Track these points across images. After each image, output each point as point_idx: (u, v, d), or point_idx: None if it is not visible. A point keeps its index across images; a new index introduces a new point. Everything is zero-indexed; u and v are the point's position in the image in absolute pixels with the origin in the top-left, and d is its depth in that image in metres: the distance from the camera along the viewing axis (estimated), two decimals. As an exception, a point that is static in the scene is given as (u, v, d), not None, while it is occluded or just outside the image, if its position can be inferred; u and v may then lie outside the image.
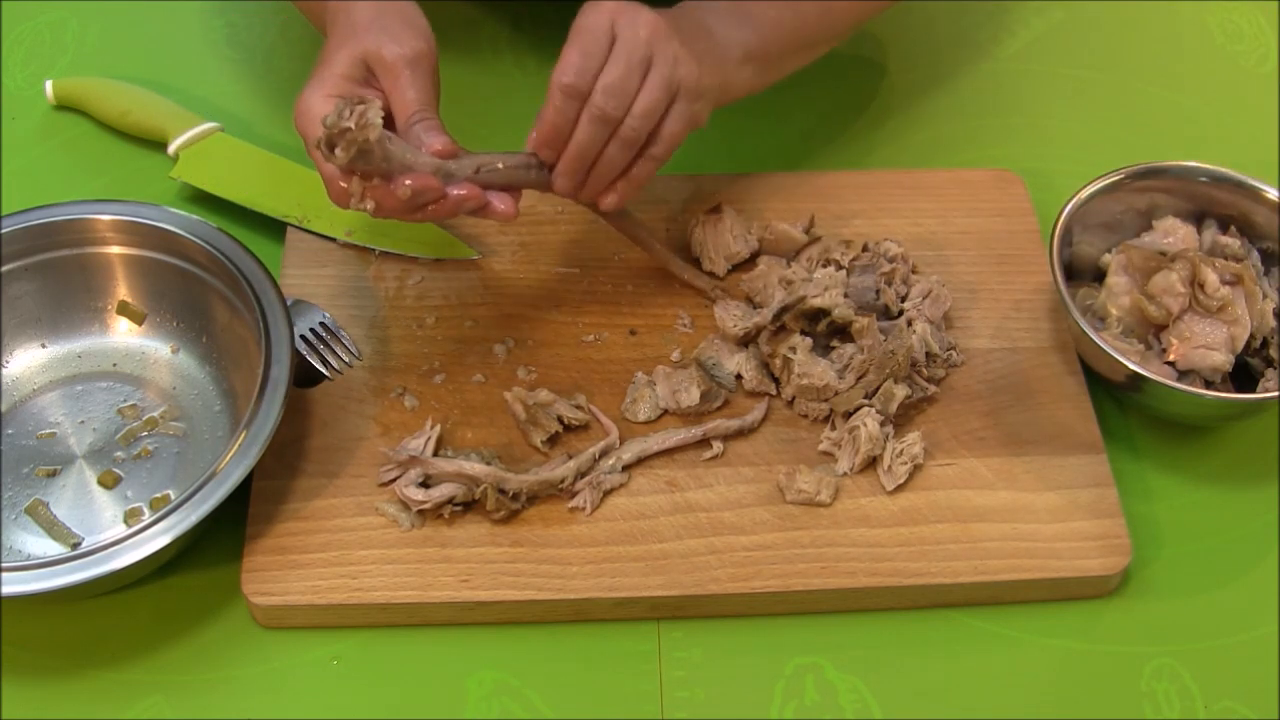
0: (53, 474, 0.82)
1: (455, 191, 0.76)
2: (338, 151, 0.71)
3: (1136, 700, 0.76)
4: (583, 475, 0.81)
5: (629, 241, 0.90)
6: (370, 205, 0.75)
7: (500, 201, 0.78)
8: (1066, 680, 0.77)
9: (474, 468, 0.79)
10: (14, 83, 1.05)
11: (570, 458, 0.81)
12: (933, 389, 0.85)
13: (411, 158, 0.75)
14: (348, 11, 0.80)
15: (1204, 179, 0.89)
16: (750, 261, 0.91)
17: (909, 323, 0.86)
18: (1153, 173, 0.89)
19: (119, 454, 0.83)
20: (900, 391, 0.82)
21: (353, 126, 0.70)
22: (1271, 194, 0.88)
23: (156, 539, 0.73)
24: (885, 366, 0.83)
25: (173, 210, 0.86)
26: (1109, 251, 0.89)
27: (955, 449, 0.83)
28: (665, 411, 0.85)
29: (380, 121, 0.71)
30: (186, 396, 0.86)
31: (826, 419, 0.84)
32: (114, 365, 0.87)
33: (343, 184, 0.75)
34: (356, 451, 0.82)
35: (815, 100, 1.05)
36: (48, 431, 0.84)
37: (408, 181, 0.74)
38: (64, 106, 1.02)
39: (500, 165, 0.78)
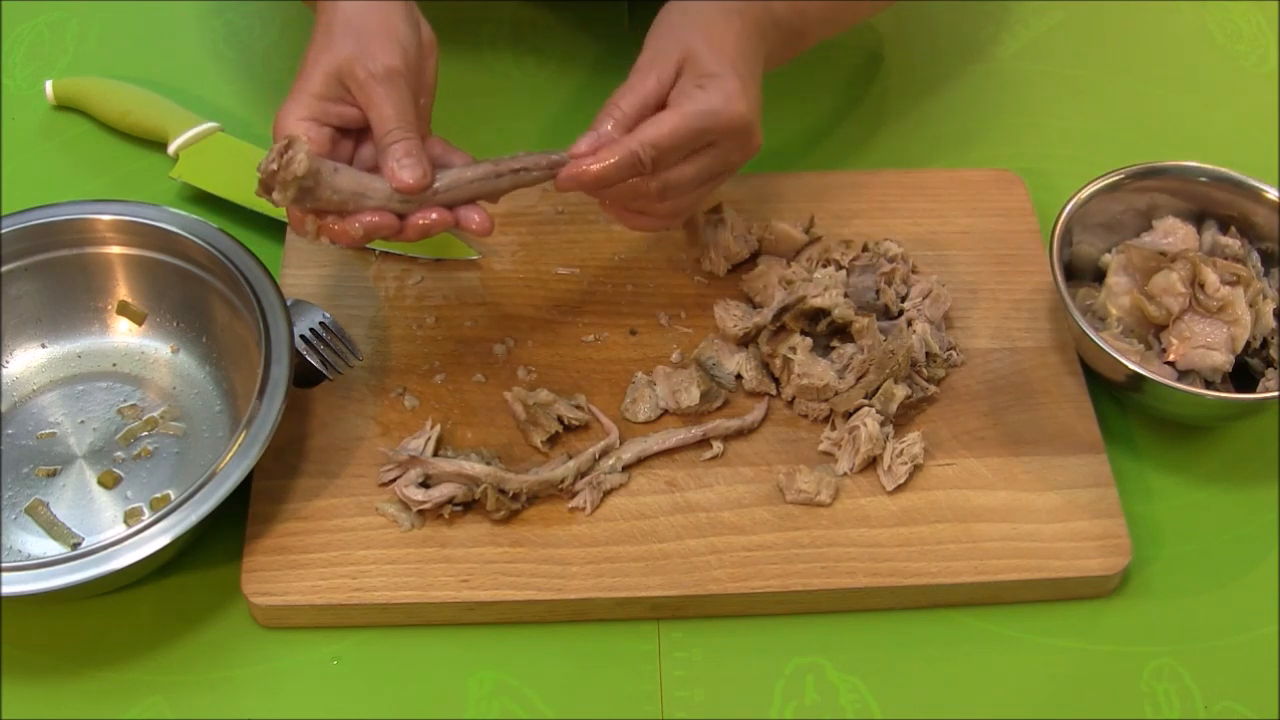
0: (53, 474, 0.82)
1: (418, 221, 0.75)
2: (274, 195, 0.72)
3: (1136, 700, 0.76)
4: (583, 475, 0.81)
5: (629, 241, 0.89)
6: (325, 241, 0.75)
7: (475, 213, 0.77)
8: (1066, 680, 0.77)
9: (474, 468, 0.79)
10: (14, 83, 1.05)
11: (570, 458, 0.81)
12: (933, 389, 0.85)
13: (365, 183, 0.74)
14: (330, 15, 0.78)
15: (1204, 179, 0.89)
16: (750, 261, 0.91)
17: (909, 323, 0.86)
18: (1153, 173, 0.89)
19: (119, 454, 0.83)
20: (900, 391, 0.82)
21: (278, 168, 0.71)
22: (1271, 194, 0.88)
23: (156, 539, 0.73)
24: (885, 366, 0.83)
25: (173, 210, 0.86)
26: (1109, 251, 0.89)
27: (955, 449, 0.83)
28: (665, 411, 0.85)
29: (306, 160, 0.71)
30: (186, 396, 0.86)
31: (826, 419, 0.84)
32: (114, 365, 0.87)
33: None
34: (356, 451, 0.82)
35: (815, 101, 1.05)
36: (48, 431, 0.84)
37: (366, 217, 0.74)
38: (64, 106, 1.02)
39: (465, 178, 0.77)
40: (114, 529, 0.80)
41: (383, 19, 0.77)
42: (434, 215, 0.76)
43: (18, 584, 0.71)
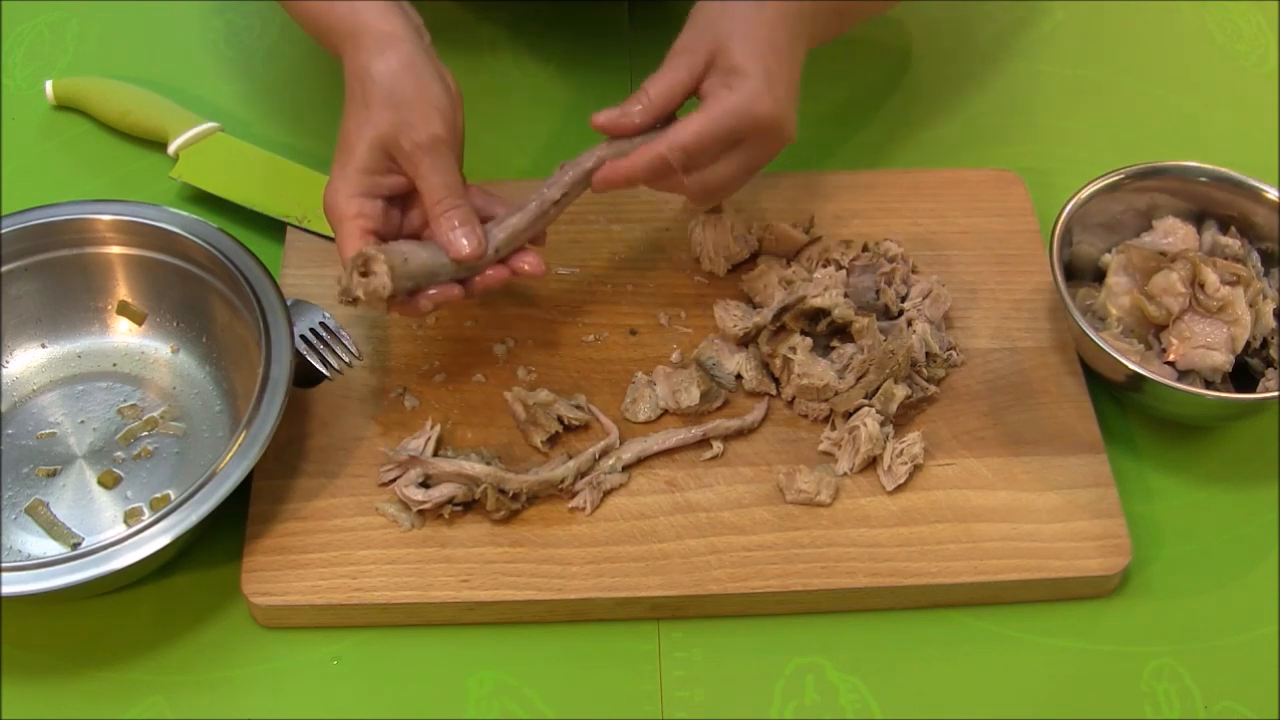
0: (53, 474, 0.82)
1: (479, 283, 0.79)
2: (360, 308, 0.76)
3: (1136, 700, 0.76)
4: (583, 475, 0.81)
5: (629, 241, 0.89)
6: (395, 314, 0.79)
7: (528, 257, 0.81)
8: (1066, 680, 0.77)
9: (474, 468, 0.79)
10: (14, 83, 1.05)
11: (570, 458, 0.81)
12: (933, 389, 0.85)
13: (429, 260, 0.77)
14: (362, 81, 0.78)
15: (1204, 179, 0.89)
16: (750, 261, 0.91)
17: (909, 323, 0.86)
18: (1153, 173, 0.89)
19: (119, 454, 0.83)
20: (900, 391, 0.82)
21: (362, 294, 0.74)
22: (1271, 194, 0.88)
23: (156, 539, 0.73)
24: (885, 366, 0.83)
25: (173, 210, 0.86)
26: (1109, 251, 0.89)
27: (955, 449, 0.83)
28: (665, 411, 0.85)
29: (389, 281, 0.74)
30: (186, 396, 0.86)
31: (826, 419, 0.84)
32: (114, 365, 0.87)
33: None
34: (356, 451, 0.82)
35: (813, 102, 1.05)
36: (48, 431, 0.84)
37: (431, 292, 0.77)
38: (64, 106, 1.02)
39: (519, 229, 0.79)
40: (114, 529, 0.80)
41: (417, 84, 0.77)
42: (490, 273, 0.80)
43: (18, 584, 0.71)
